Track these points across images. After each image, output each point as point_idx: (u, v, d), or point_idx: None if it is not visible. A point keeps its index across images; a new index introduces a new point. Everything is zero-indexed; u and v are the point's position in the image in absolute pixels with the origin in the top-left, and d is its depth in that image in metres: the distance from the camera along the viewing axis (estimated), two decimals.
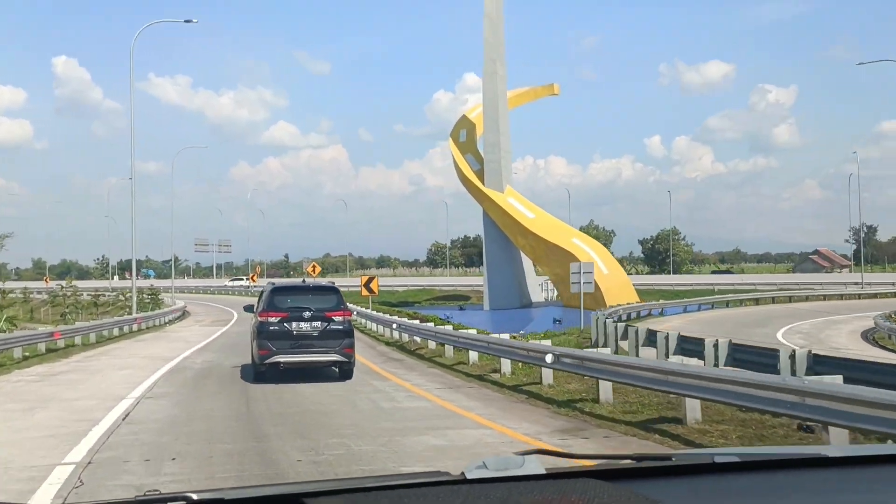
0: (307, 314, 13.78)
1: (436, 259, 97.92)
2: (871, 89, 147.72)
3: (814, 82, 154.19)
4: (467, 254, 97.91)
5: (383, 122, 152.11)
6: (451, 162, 49.26)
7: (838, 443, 6.35)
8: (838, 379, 7.17)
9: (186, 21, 29.55)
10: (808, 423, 7.34)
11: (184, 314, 39.58)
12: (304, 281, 17.86)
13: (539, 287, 49.88)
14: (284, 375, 13.37)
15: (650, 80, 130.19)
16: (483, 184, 45.55)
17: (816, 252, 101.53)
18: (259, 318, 13.95)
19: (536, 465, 1.72)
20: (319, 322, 13.82)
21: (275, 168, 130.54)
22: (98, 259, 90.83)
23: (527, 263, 47.49)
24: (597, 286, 28.98)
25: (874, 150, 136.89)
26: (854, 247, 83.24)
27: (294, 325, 13.68)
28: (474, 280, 65.87)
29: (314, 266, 42.33)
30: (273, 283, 15.95)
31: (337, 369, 14.09)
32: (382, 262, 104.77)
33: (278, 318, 13.69)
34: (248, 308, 17.54)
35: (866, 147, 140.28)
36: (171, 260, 64.48)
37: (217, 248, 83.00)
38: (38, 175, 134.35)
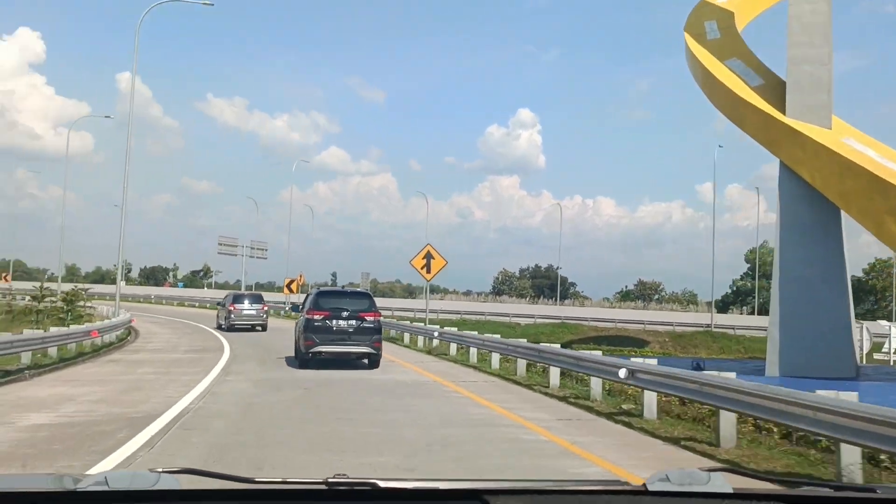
0: (345, 314, 16.78)
1: (502, 288, 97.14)
2: None
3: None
4: (537, 284, 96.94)
5: (434, 153, 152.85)
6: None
7: None
8: None
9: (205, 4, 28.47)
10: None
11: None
12: (343, 287, 22.34)
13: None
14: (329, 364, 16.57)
15: (705, 124, 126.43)
16: (782, 112, 24.51)
17: None
18: (306, 316, 16.95)
19: (723, 484, 1.63)
20: (355, 320, 16.77)
21: (323, 193, 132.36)
22: (116, 264, 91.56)
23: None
24: None
25: None
26: None
27: (334, 322, 16.65)
28: (548, 310, 60.02)
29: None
30: (319, 288, 19.72)
31: (366, 360, 16.97)
32: (431, 291, 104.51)
33: (322, 316, 16.68)
34: (295, 307, 22.53)
35: None
36: (201, 270, 64.13)
37: (249, 250, 67.33)
38: (93, 187, 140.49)
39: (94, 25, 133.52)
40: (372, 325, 16.98)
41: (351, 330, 16.71)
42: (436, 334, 22.71)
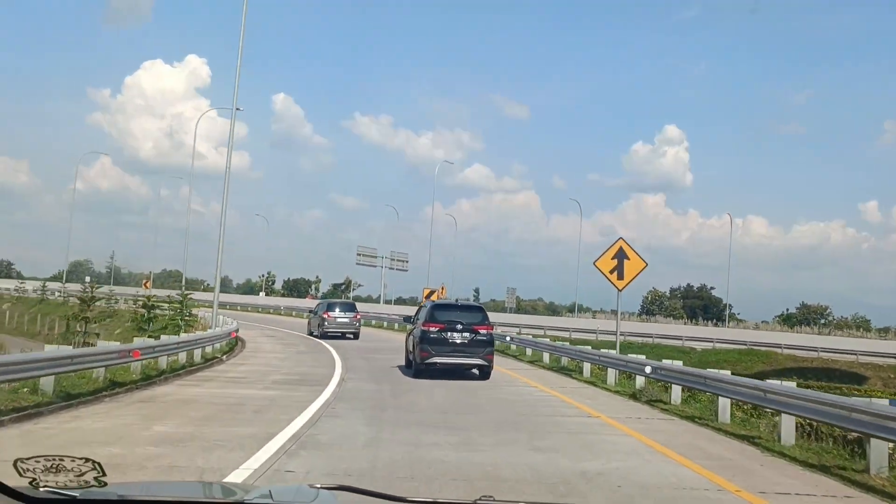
0: (459, 326, 17.11)
1: (652, 308, 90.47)
2: None
3: None
4: (689, 305, 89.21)
5: (577, 170, 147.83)
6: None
7: None
8: None
9: None
10: None
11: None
12: (457, 300, 20.11)
13: None
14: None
15: (868, 139, 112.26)
16: None
17: None
18: (422, 328, 17.25)
19: None
20: (468, 333, 17.11)
21: (466, 209, 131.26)
22: (262, 276, 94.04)
23: None
24: None
25: None
26: None
27: (449, 334, 17.01)
28: (711, 332, 51.96)
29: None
30: (433, 302, 19.81)
31: (478, 371, 17.39)
32: (573, 309, 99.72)
33: (437, 329, 17.04)
34: (407, 319, 21.32)
35: None
36: (343, 283, 62.89)
37: (388, 261, 62.65)
38: (249, 202, 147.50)
39: (252, 51, 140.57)
40: (485, 338, 17.34)
41: (465, 342, 17.06)
42: (648, 370, 14.75)
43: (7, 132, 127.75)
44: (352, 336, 33.17)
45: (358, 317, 34.57)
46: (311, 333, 34.87)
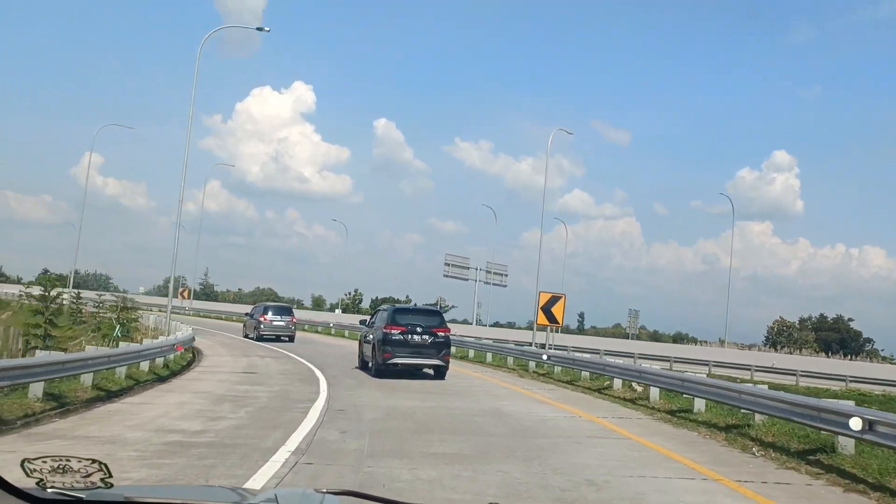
0: (419, 329, 18.20)
1: (778, 340, 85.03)
2: None
3: None
4: (823, 338, 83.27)
5: (679, 197, 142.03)
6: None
7: None
8: None
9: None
10: None
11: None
12: (415, 305, 20.73)
13: None
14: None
15: None
16: None
17: None
18: (384, 330, 18.13)
19: None
20: (428, 335, 18.23)
21: (565, 236, 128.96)
22: (348, 293, 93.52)
23: None
24: None
25: None
26: None
27: (409, 336, 18.08)
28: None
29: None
30: (393, 306, 20.40)
31: (433, 371, 18.60)
32: (679, 338, 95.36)
33: (399, 331, 18.05)
34: (363, 322, 22.30)
35: None
36: (435, 303, 60.39)
37: (484, 274, 54.97)
38: (351, 225, 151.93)
39: (355, 77, 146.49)
40: (443, 340, 18.51)
41: (424, 344, 18.15)
42: None
43: (128, 157, 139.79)
44: (287, 339, 33.44)
45: (294, 320, 35.03)
46: (246, 336, 35.43)
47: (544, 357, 22.63)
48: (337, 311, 67.26)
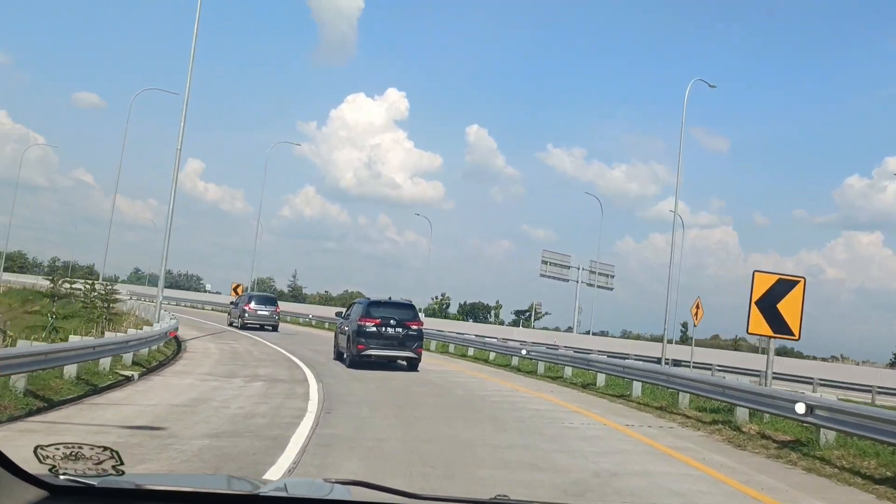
0: (393, 322, 18.53)
1: None
2: None
3: None
4: None
5: (780, 206, 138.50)
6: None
7: None
8: None
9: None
10: None
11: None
12: (390, 298, 20.80)
13: None
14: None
15: None
16: None
17: None
18: (359, 323, 18.44)
19: None
20: (401, 328, 18.59)
21: (659, 245, 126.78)
22: (435, 297, 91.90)
23: None
24: None
25: None
26: None
27: (383, 329, 18.43)
28: None
29: None
30: (369, 299, 20.34)
31: (406, 363, 18.91)
32: (781, 352, 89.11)
33: (373, 324, 18.37)
34: (339, 314, 22.70)
35: None
36: (527, 310, 57.30)
37: (587, 274, 50.14)
38: (443, 231, 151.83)
39: (447, 85, 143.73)
40: (416, 333, 18.87)
41: (398, 336, 18.53)
42: None
43: (227, 163, 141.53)
44: (270, 328, 33.91)
45: (277, 310, 35.59)
46: (230, 324, 36.01)
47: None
48: (420, 315, 63.83)
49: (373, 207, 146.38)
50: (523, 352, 23.09)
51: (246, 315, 34.36)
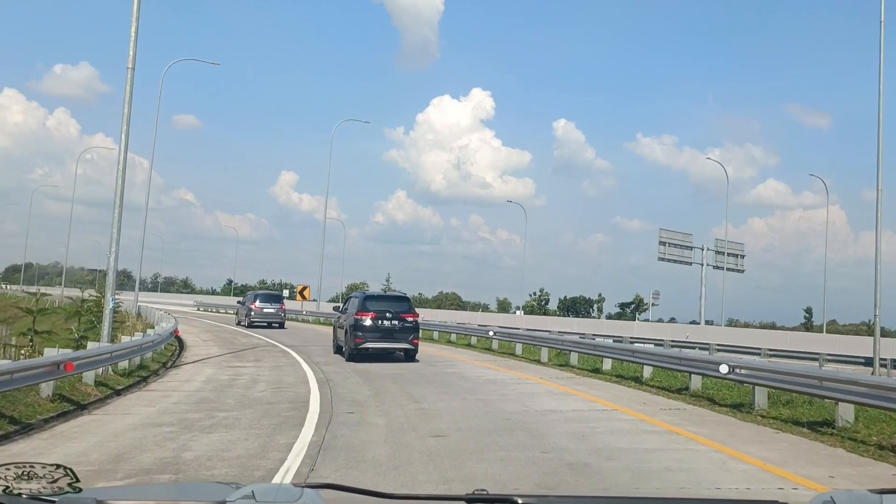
0: (388, 314, 18.85)
1: None
2: None
3: None
4: None
5: (892, 180, 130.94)
6: None
7: None
8: None
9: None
10: None
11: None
12: (385, 291, 22.48)
13: None
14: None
15: None
16: None
17: None
18: (355, 317, 18.79)
19: None
20: (397, 321, 18.86)
21: (759, 229, 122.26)
22: (533, 294, 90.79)
23: None
24: None
25: None
26: None
27: (380, 322, 18.71)
28: None
29: None
30: (364, 293, 20.96)
31: (403, 354, 19.10)
32: None
33: (370, 317, 18.68)
34: (337, 308, 23.30)
35: None
36: (632, 302, 56.09)
37: (712, 255, 45.17)
38: (534, 228, 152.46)
39: (532, 80, 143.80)
40: (411, 325, 19.09)
41: (394, 329, 18.79)
42: None
43: (321, 174, 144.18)
44: (277, 325, 33.94)
45: (283, 308, 35.57)
46: (239, 323, 35.83)
47: None
48: (519, 312, 58.43)
49: (464, 208, 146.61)
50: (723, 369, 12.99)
51: (252, 314, 34.19)
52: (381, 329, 18.72)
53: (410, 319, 19.16)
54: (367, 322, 18.66)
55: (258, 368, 16.47)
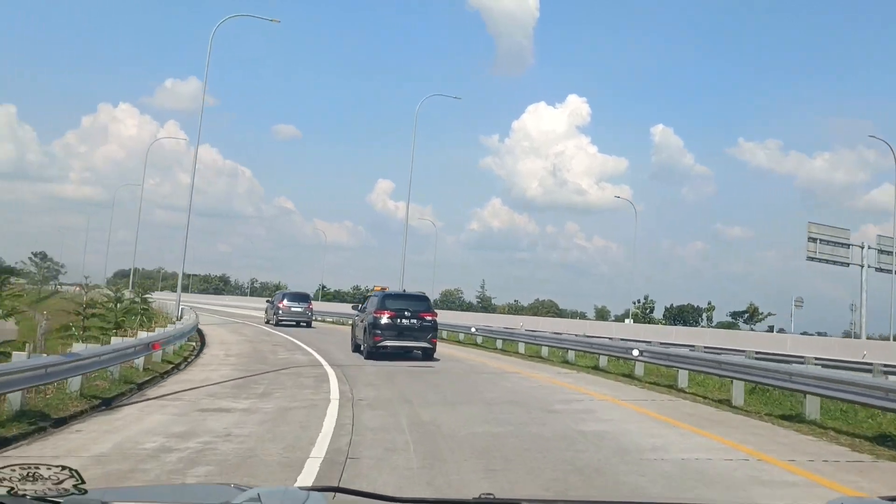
0: (407, 313, 18.94)
1: None
2: None
3: None
4: None
5: None
6: None
7: None
8: None
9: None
10: None
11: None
12: (404, 290, 21.13)
13: None
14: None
15: None
16: None
17: None
18: (374, 315, 18.92)
19: None
20: (416, 320, 18.95)
21: (873, 235, 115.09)
22: (637, 301, 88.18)
23: None
24: None
25: None
26: None
27: (398, 320, 18.81)
28: None
29: None
30: (384, 292, 21.34)
31: (421, 353, 19.26)
32: None
33: (388, 316, 18.77)
34: (355, 307, 23.24)
35: None
36: (745, 311, 54.87)
37: (875, 254, 39.81)
38: (632, 235, 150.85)
39: (629, 85, 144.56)
40: (429, 324, 19.22)
41: (413, 327, 18.89)
42: None
43: (416, 182, 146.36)
44: (304, 324, 34.41)
45: (310, 307, 36.04)
46: (267, 322, 36.31)
47: None
48: (627, 320, 53.25)
49: (560, 215, 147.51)
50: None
51: (280, 312, 34.61)
52: (399, 327, 18.78)
53: (429, 318, 19.23)
54: (386, 320, 18.70)
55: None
